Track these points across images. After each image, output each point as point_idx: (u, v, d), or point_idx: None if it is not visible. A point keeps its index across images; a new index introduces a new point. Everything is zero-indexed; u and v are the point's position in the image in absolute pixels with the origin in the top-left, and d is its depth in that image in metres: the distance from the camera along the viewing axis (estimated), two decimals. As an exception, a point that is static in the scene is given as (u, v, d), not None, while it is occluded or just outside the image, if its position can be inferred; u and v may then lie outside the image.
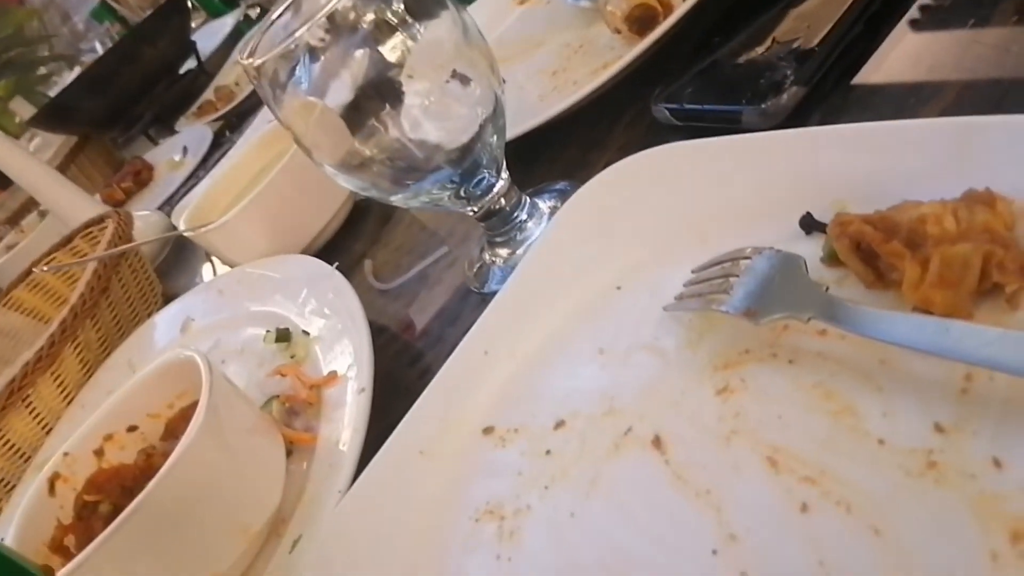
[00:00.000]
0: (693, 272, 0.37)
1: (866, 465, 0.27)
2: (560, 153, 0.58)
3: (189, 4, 1.67)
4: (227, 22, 1.72)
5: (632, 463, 0.34)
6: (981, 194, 0.29)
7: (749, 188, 0.38)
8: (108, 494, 0.48)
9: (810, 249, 0.34)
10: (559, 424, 0.38)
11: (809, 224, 0.35)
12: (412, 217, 0.67)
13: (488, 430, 0.40)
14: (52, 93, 1.68)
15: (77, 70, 2.03)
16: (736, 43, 0.50)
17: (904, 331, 0.27)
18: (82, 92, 1.38)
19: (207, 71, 1.54)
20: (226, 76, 1.45)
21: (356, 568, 0.36)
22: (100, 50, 2.06)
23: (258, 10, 1.68)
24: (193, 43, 1.54)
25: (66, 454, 0.49)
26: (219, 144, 1.22)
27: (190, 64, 1.58)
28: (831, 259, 0.33)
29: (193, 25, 1.81)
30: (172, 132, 1.42)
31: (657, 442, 0.33)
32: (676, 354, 0.36)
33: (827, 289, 0.31)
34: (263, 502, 0.43)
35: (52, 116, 1.43)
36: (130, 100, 1.42)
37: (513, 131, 0.56)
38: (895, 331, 0.28)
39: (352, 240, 0.70)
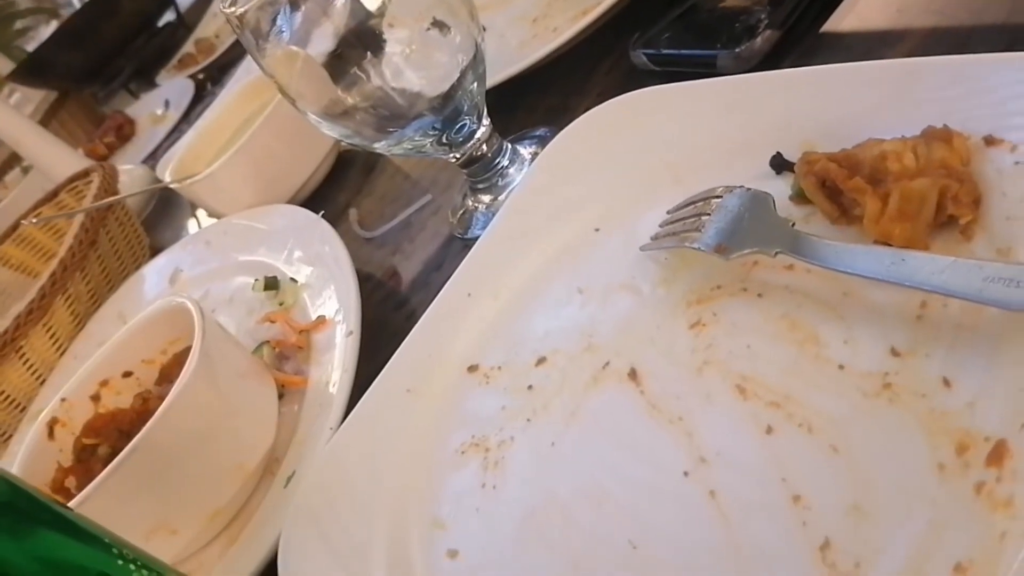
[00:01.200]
0: (668, 213, 0.39)
1: (827, 389, 0.29)
2: (541, 100, 0.58)
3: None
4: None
5: (609, 395, 0.35)
6: (939, 131, 0.30)
7: (722, 130, 0.39)
8: (106, 438, 0.49)
9: (780, 188, 0.36)
10: (540, 360, 0.39)
11: (779, 164, 0.36)
12: (396, 166, 0.68)
13: (473, 368, 0.41)
14: (30, 48, 1.65)
15: (55, 24, 2.00)
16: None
17: (864, 262, 0.29)
18: (61, 46, 1.36)
19: (186, 23, 1.53)
20: (206, 28, 1.43)
21: (347, 500, 0.38)
22: (77, 3, 2.03)
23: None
24: (171, -6, 1.53)
25: (63, 400, 0.50)
26: (201, 97, 1.21)
27: (169, 17, 1.56)
28: (799, 196, 0.34)
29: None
30: (153, 86, 1.41)
31: (633, 375, 0.35)
32: (651, 292, 0.37)
33: (794, 225, 0.32)
34: (257, 441, 0.44)
35: (31, 71, 1.42)
36: (109, 54, 1.41)
37: (494, 78, 0.57)
38: (856, 263, 0.29)
39: (337, 190, 0.71)
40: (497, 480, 0.36)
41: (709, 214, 0.35)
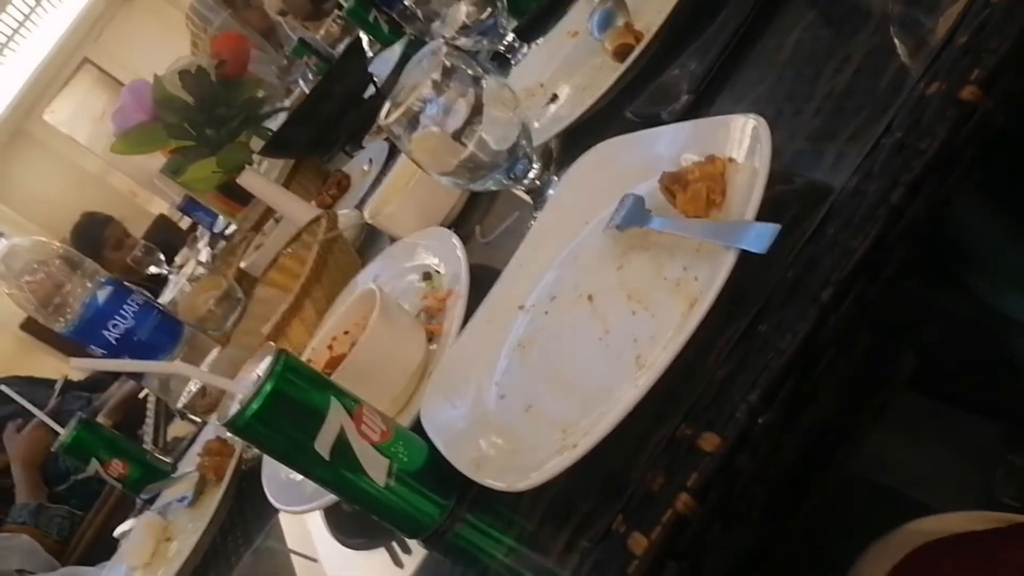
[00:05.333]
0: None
1: (659, 290, 0.59)
2: (586, 142, 0.89)
3: (365, 43, 2.10)
4: (396, 50, 2.12)
5: (580, 310, 0.66)
6: (710, 156, 0.59)
7: (646, 159, 0.69)
8: (337, 369, 0.85)
9: (667, 191, 0.65)
10: (553, 298, 0.71)
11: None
12: (508, 196, 1.01)
13: (521, 307, 0.73)
14: (271, 125, 2.15)
15: (287, 102, 2.54)
16: (676, 65, 0.80)
17: (675, 226, 0.59)
18: (294, 127, 1.82)
19: (383, 94, 1.95)
20: (397, 98, 1.84)
21: (454, 377, 0.71)
22: (302, 84, 2.56)
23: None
24: (371, 75, 1.96)
25: (313, 348, 0.87)
26: (394, 154, 1.61)
27: (371, 91, 1.99)
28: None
29: (371, 53, 2.24)
30: (361, 147, 1.84)
31: (591, 298, 0.66)
32: (605, 254, 0.68)
33: (651, 211, 0.62)
34: (414, 357, 0.79)
35: (274, 147, 1.89)
36: (329, 128, 1.86)
37: (551, 133, 0.89)
38: (672, 226, 0.59)
39: (472, 212, 1.05)
40: (526, 360, 0.68)
41: (618, 208, 0.65)
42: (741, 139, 0.57)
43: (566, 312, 0.68)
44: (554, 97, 0.99)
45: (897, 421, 0.77)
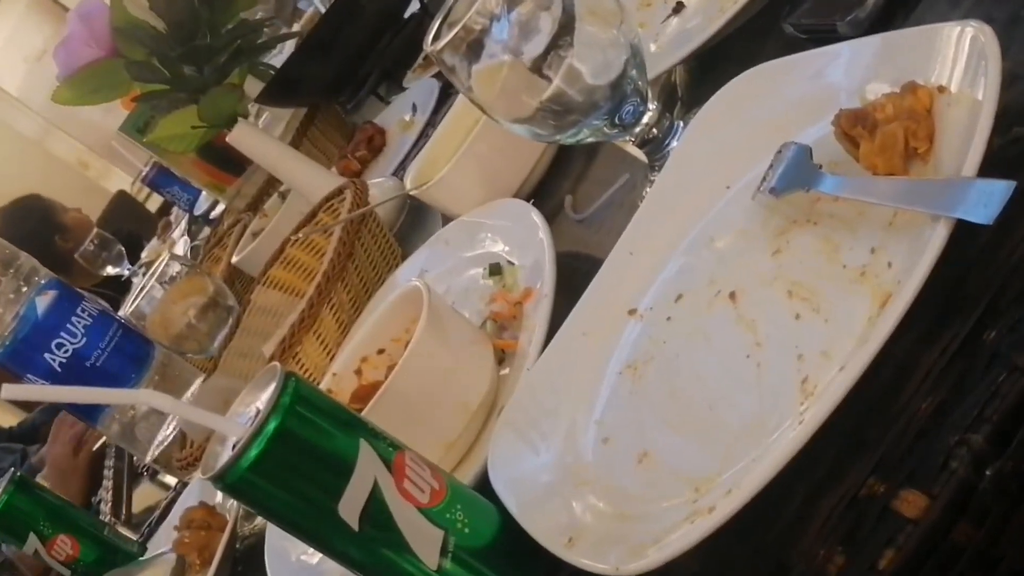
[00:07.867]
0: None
1: (833, 282, 0.59)
2: (726, 73, 0.89)
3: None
4: (449, -51, 2.15)
5: (716, 314, 0.66)
6: (909, 84, 0.58)
7: (817, 93, 0.69)
8: (368, 403, 0.87)
9: (845, 137, 0.65)
10: (678, 297, 0.71)
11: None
12: (613, 152, 1.01)
13: (632, 311, 0.74)
14: (274, 61, 2.19)
15: (295, 27, 2.59)
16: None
17: (859, 187, 0.58)
18: (306, 61, 1.85)
19: (431, 12, 1.97)
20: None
21: (536, 412, 0.72)
22: (317, 2, 2.60)
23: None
24: (414, -15, 1.99)
25: (334, 374, 0.90)
26: (447, 96, 1.62)
27: (414, 7, 2.01)
28: (845, 143, 0.64)
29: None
30: (401, 88, 1.86)
31: (732, 296, 0.66)
32: (754, 231, 0.68)
33: (820, 167, 0.62)
34: (478, 387, 0.80)
35: (278, 91, 1.91)
36: (355, 60, 1.88)
37: (676, 56, 0.89)
38: (854, 188, 0.59)
39: (561, 178, 1.06)
40: (639, 387, 0.68)
41: (773, 165, 0.65)
42: (956, 58, 0.57)
43: (698, 318, 0.68)
44: (679, 6, 0.99)
45: None
